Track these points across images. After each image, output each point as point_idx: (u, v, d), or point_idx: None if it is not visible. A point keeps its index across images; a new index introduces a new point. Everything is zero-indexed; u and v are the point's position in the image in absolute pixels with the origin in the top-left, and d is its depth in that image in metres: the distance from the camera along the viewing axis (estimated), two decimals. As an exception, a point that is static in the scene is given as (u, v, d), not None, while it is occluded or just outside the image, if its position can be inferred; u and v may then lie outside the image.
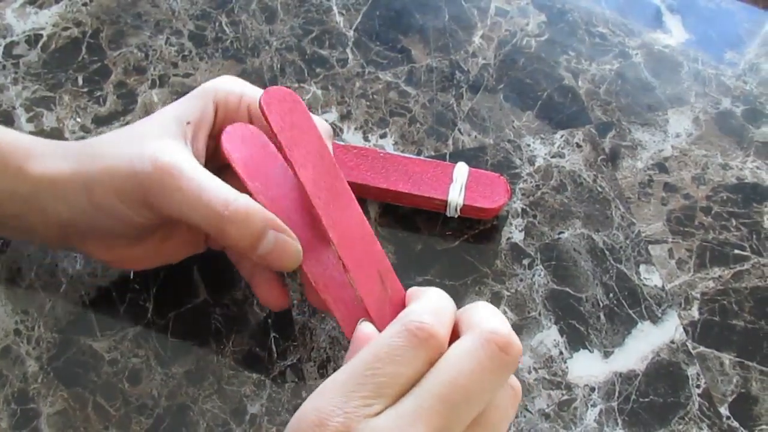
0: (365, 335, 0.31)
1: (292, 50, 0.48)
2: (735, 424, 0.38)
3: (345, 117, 0.46)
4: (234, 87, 0.37)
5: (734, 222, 0.44)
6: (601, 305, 0.41)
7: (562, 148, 0.46)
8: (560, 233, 0.43)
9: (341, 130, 0.46)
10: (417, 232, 0.43)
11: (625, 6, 0.51)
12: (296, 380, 0.38)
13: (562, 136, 0.46)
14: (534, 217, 0.43)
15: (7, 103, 0.45)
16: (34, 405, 0.37)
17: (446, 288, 0.41)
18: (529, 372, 0.39)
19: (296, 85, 0.47)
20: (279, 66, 0.48)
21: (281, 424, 0.37)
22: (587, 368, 0.39)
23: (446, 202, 0.41)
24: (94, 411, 0.37)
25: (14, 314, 0.39)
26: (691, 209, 0.44)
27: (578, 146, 0.46)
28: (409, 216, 0.43)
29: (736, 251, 0.43)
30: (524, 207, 0.44)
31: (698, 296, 0.41)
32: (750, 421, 0.38)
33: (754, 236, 0.43)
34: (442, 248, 0.42)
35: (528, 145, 0.46)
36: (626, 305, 0.41)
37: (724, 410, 0.38)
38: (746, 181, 0.45)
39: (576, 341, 0.40)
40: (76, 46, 0.48)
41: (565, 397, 0.39)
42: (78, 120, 0.45)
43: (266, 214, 0.33)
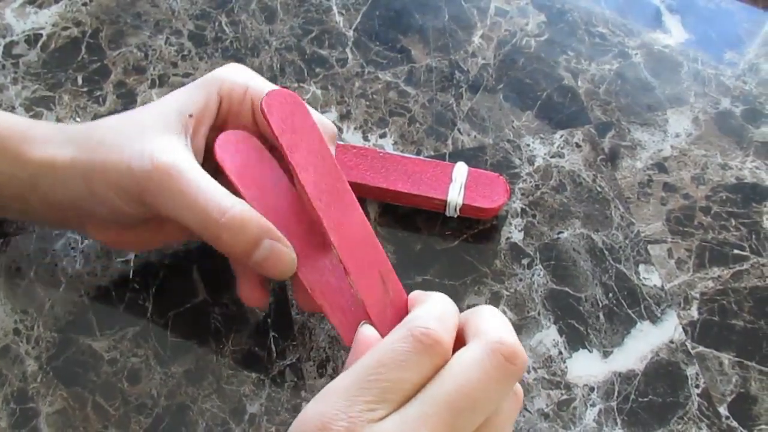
0: (366, 338, 0.31)
1: (292, 50, 0.48)
2: (734, 424, 0.38)
3: (344, 117, 0.46)
4: (239, 78, 0.36)
5: (733, 222, 0.44)
6: (601, 305, 0.41)
7: (562, 148, 0.46)
8: (559, 233, 0.43)
9: (341, 130, 0.46)
10: (416, 232, 0.43)
11: (625, 6, 0.51)
12: (295, 380, 0.38)
13: (562, 136, 0.46)
14: (533, 217, 0.43)
15: (7, 103, 0.45)
16: (34, 404, 0.37)
17: (446, 288, 0.41)
18: (529, 372, 0.39)
19: (296, 85, 0.47)
20: (279, 66, 0.48)
21: (280, 424, 0.37)
22: (586, 368, 0.39)
23: (446, 202, 0.41)
24: (94, 410, 0.37)
25: (14, 313, 0.39)
26: (691, 209, 0.44)
27: (578, 146, 0.46)
28: (409, 216, 0.43)
29: (736, 251, 0.43)
30: (524, 207, 0.44)
31: (697, 296, 0.41)
32: (749, 421, 0.38)
33: (754, 236, 0.43)
34: (442, 248, 0.42)
35: (527, 145, 0.46)
36: (625, 305, 0.41)
37: (724, 410, 0.38)
38: (746, 181, 0.45)
39: (575, 341, 0.40)
40: (76, 46, 0.48)
41: (565, 397, 0.39)
42: (78, 120, 0.45)
43: (262, 222, 0.33)
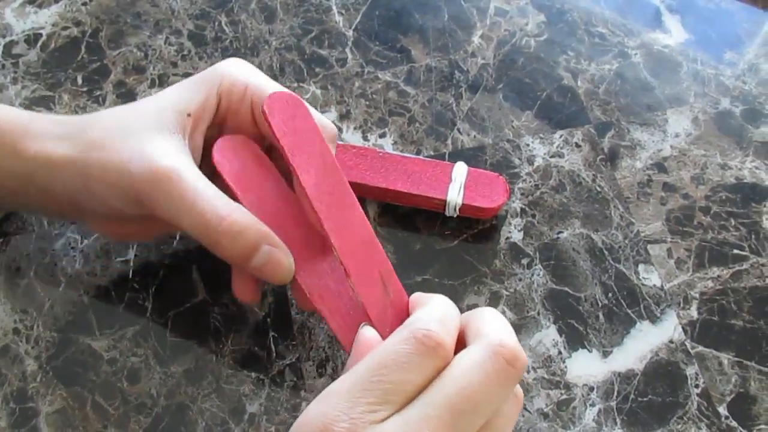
0: (367, 340, 0.31)
1: (292, 50, 0.48)
2: (733, 424, 0.38)
3: (344, 116, 0.46)
4: (239, 75, 0.36)
5: (733, 222, 0.44)
6: (600, 305, 0.41)
7: (561, 148, 0.46)
8: (559, 233, 0.43)
9: (341, 130, 0.46)
10: (416, 232, 0.43)
11: (625, 6, 0.51)
12: (295, 379, 0.38)
13: (561, 136, 0.46)
14: (533, 217, 0.43)
15: (7, 103, 0.45)
16: (33, 404, 0.37)
17: (445, 287, 0.41)
18: (528, 371, 0.39)
19: (295, 85, 0.47)
20: (278, 66, 0.48)
21: (280, 423, 0.37)
22: (586, 368, 0.39)
23: (445, 202, 0.41)
24: (93, 410, 0.37)
25: (13, 313, 0.39)
26: (690, 209, 0.44)
27: (577, 146, 0.46)
28: (408, 215, 0.43)
29: (735, 251, 0.43)
30: (523, 207, 0.44)
31: (697, 296, 0.41)
32: (748, 421, 0.38)
33: (753, 236, 0.43)
34: (441, 248, 0.42)
35: (527, 145, 0.46)
36: (625, 305, 0.41)
37: (723, 410, 0.38)
38: (745, 181, 0.45)
39: (575, 341, 0.40)
40: (76, 46, 0.48)
41: (564, 397, 0.39)
42: (77, 119, 0.45)
43: (260, 229, 0.33)
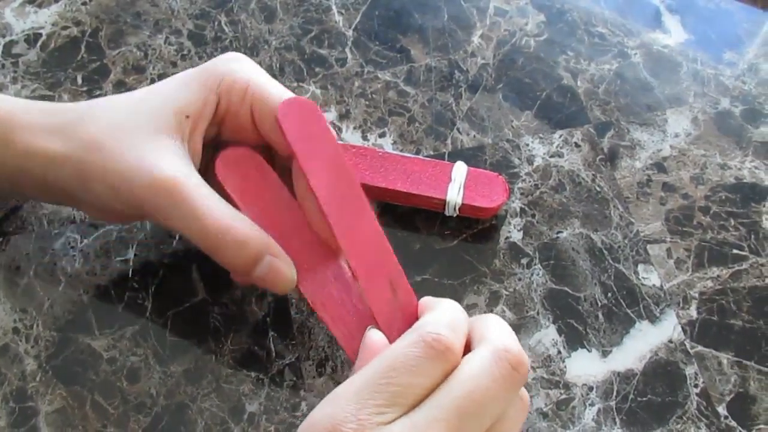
0: (374, 343, 0.32)
1: (291, 50, 0.48)
2: (733, 424, 0.38)
3: (344, 116, 0.46)
4: (239, 75, 0.35)
5: (733, 222, 0.44)
6: (600, 305, 0.41)
7: (561, 148, 0.46)
8: (559, 233, 0.43)
9: (340, 130, 0.46)
10: (416, 232, 0.43)
11: (624, 6, 0.51)
12: (294, 379, 0.38)
13: (561, 136, 0.46)
14: (533, 217, 0.43)
15: (7, 102, 0.45)
16: (33, 403, 0.37)
17: (444, 287, 0.41)
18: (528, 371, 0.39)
19: (295, 85, 0.47)
20: (278, 65, 0.48)
21: (279, 423, 0.37)
22: (585, 367, 0.39)
23: (445, 202, 0.41)
24: (93, 409, 0.37)
25: (13, 312, 0.39)
26: (690, 209, 0.44)
27: (577, 146, 0.46)
28: (408, 215, 0.43)
29: (735, 251, 0.43)
30: (523, 206, 0.44)
31: (696, 296, 0.41)
32: (748, 421, 0.38)
33: (753, 236, 0.43)
34: (441, 247, 0.42)
35: (527, 145, 0.46)
36: (624, 305, 0.41)
37: (722, 410, 0.38)
38: (745, 181, 0.45)
39: (574, 340, 0.40)
40: (76, 46, 0.48)
41: (564, 397, 0.39)
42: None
43: (263, 239, 0.33)
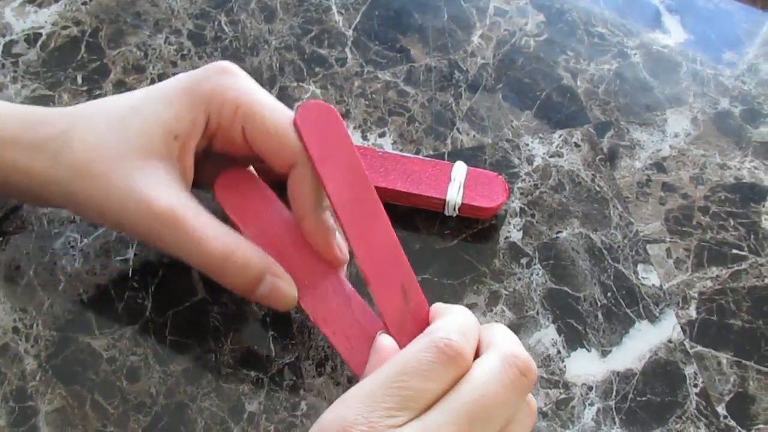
0: (385, 348, 0.32)
1: (291, 49, 0.48)
2: (732, 424, 0.38)
3: (344, 116, 0.46)
4: (230, 94, 0.34)
5: (732, 222, 0.44)
6: (599, 304, 0.41)
7: (561, 148, 0.46)
8: (558, 232, 0.43)
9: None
10: (415, 231, 0.43)
11: (624, 6, 0.52)
12: (294, 378, 0.38)
13: (561, 136, 0.46)
14: (532, 217, 0.43)
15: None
16: (33, 403, 0.37)
17: (444, 287, 0.41)
18: (527, 371, 0.39)
19: (295, 84, 0.47)
20: (278, 65, 0.48)
21: (279, 423, 0.37)
22: (585, 367, 0.39)
23: (445, 201, 0.41)
24: (93, 409, 0.37)
25: (13, 312, 0.39)
26: (689, 209, 0.44)
27: (576, 146, 0.46)
28: (408, 215, 0.43)
29: (734, 251, 0.43)
30: (522, 206, 0.44)
31: (696, 296, 0.41)
32: (747, 421, 0.38)
33: (752, 236, 0.43)
34: (441, 247, 0.42)
35: (526, 145, 0.46)
36: (624, 304, 0.41)
37: (722, 409, 0.38)
38: (744, 181, 0.45)
39: (574, 340, 0.40)
40: (76, 45, 0.48)
41: (563, 396, 0.39)
42: (77, 118, 0.45)
43: (263, 261, 0.34)
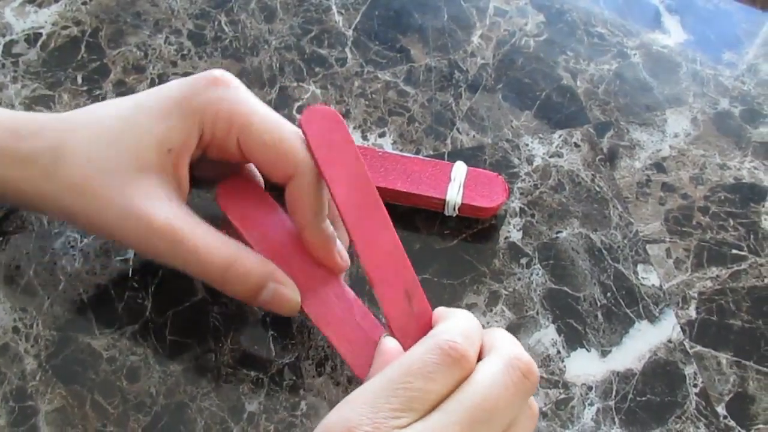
0: (389, 350, 0.32)
1: (291, 49, 0.48)
2: (732, 424, 0.38)
3: (344, 116, 0.46)
4: (224, 105, 0.33)
5: (732, 222, 0.44)
6: (599, 304, 0.41)
7: (561, 148, 0.46)
8: (558, 232, 0.43)
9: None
10: (415, 231, 0.43)
11: (624, 6, 0.52)
12: (294, 378, 0.38)
13: (561, 136, 0.46)
14: (532, 217, 0.43)
15: (7, 102, 0.45)
16: (33, 402, 0.37)
17: (444, 287, 0.41)
18: (527, 371, 0.39)
19: (295, 84, 0.47)
20: (278, 65, 0.48)
21: (279, 422, 0.37)
22: (585, 367, 0.39)
23: (444, 201, 0.41)
24: (92, 408, 0.37)
25: (13, 312, 0.39)
26: (689, 209, 0.44)
27: (576, 146, 0.46)
28: (408, 215, 0.43)
29: (734, 251, 0.43)
30: (522, 206, 0.44)
31: (696, 296, 0.41)
32: (747, 421, 0.38)
33: (752, 236, 0.43)
34: (441, 247, 0.42)
35: (526, 145, 0.46)
36: (624, 304, 0.41)
37: (721, 409, 0.39)
38: (744, 181, 0.45)
39: (573, 340, 0.40)
40: (76, 45, 0.48)
41: (563, 396, 0.39)
42: (77, 118, 0.45)
43: (264, 269, 0.34)
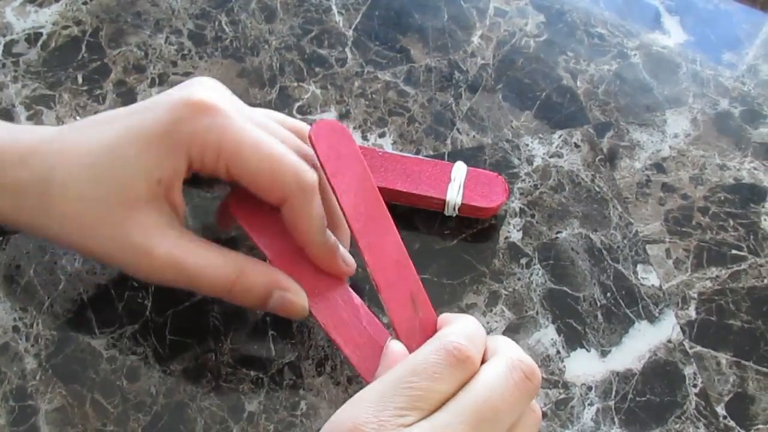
0: (395, 353, 0.33)
1: (292, 49, 0.48)
2: (731, 424, 0.38)
3: (344, 116, 0.46)
4: (210, 135, 0.32)
5: (731, 222, 0.44)
6: (599, 304, 0.41)
7: (561, 148, 0.46)
8: (558, 233, 0.43)
9: (340, 130, 0.46)
10: (415, 231, 0.43)
11: (624, 7, 0.52)
12: (294, 378, 0.38)
13: (561, 136, 0.46)
14: (532, 217, 0.43)
15: (7, 101, 0.45)
16: (33, 402, 0.37)
17: (444, 287, 0.41)
18: (527, 371, 0.39)
19: (295, 84, 0.47)
20: (278, 65, 0.48)
21: (279, 422, 0.37)
22: (584, 367, 0.39)
23: (444, 201, 0.41)
24: (93, 408, 0.37)
25: (13, 311, 0.39)
26: (689, 209, 0.44)
27: (576, 146, 0.46)
28: (408, 215, 0.43)
29: (734, 251, 0.43)
30: (522, 206, 0.44)
31: (695, 296, 0.41)
32: (746, 421, 0.38)
33: (752, 236, 0.43)
34: (441, 247, 0.42)
35: (526, 145, 0.46)
36: (623, 305, 0.41)
37: (721, 409, 0.39)
38: (744, 182, 0.45)
39: (573, 340, 0.40)
40: (76, 45, 0.48)
41: (562, 396, 0.39)
42: (78, 118, 0.45)
43: (268, 279, 0.35)
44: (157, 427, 0.37)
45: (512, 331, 0.40)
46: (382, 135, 0.46)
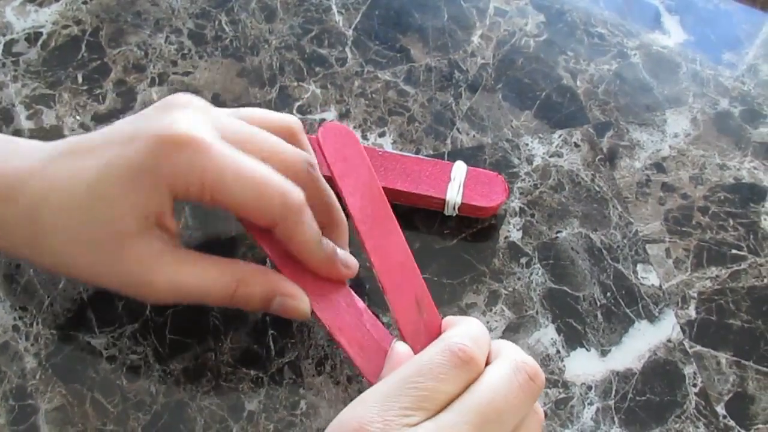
0: (400, 354, 0.33)
1: (292, 49, 0.48)
2: (731, 423, 0.38)
3: (344, 116, 0.46)
4: (193, 174, 0.32)
5: (731, 222, 0.44)
6: (599, 304, 0.41)
7: (560, 148, 0.46)
8: (558, 232, 0.43)
9: (340, 129, 0.46)
10: (415, 231, 0.43)
11: (624, 7, 0.52)
12: (294, 377, 0.38)
13: (561, 136, 0.46)
14: (532, 216, 0.43)
15: (7, 101, 0.45)
16: (33, 401, 0.37)
17: (444, 286, 0.41)
18: (527, 370, 0.39)
19: (295, 84, 0.47)
20: (278, 65, 0.48)
21: (278, 421, 0.37)
22: (584, 367, 0.39)
23: (444, 201, 0.41)
24: (92, 407, 0.37)
25: (12, 311, 0.39)
26: (689, 209, 0.44)
27: (576, 146, 0.46)
28: (407, 214, 0.43)
29: (734, 251, 0.43)
30: (522, 206, 0.44)
31: (695, 295, 0.41)
32: (746, 420, 0.38)
33: (751, 236, 0.43)
34: (440, 247, 0.42)
35: (526, 145, 0.46)
36: (623, 304, 0.41)
37: (721, 409, 0.39)
38: (744, 182, 0.45)
39: (573, 340, 0.40)
40: (76, 44, 0.48)
41: (562, 396, 0.39)
42: (77, 118, 0.45)
43: (267, 286, 0.35)
44: (157, 427, 0.37)
45: (512, 331, 0.40)
46: (382, 134, 0.46)
